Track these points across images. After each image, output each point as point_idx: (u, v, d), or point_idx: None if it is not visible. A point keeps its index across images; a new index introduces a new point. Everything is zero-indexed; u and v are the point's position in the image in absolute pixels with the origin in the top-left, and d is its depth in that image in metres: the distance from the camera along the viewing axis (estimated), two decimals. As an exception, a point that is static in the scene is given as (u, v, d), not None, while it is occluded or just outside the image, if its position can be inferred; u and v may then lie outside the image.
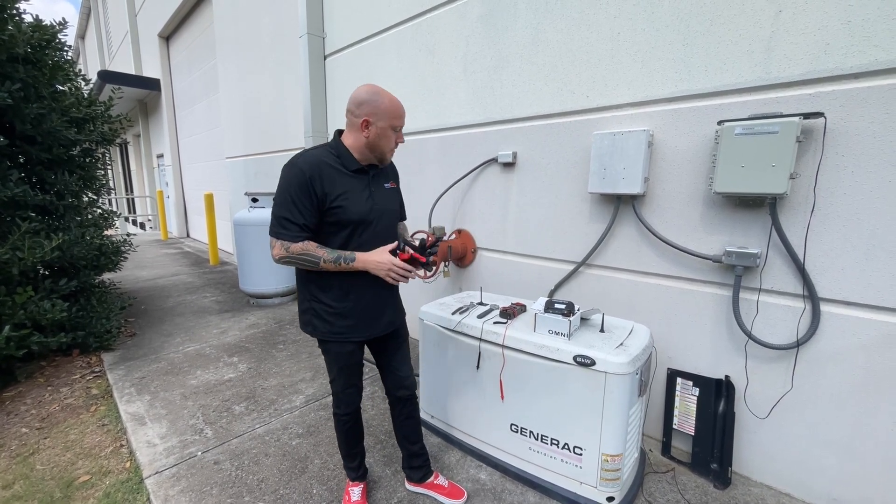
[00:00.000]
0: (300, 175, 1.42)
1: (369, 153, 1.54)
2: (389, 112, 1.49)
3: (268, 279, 4.70)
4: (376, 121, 1.47)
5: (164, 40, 9.66)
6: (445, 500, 1.87)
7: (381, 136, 1.50)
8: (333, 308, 1.55)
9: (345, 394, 1.69)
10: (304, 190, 1.42)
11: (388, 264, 1.49)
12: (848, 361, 1.71)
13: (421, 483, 1.92)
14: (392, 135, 1.53)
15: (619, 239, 2.31)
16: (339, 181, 1.48)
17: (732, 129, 1.74)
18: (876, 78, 1.55)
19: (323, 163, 1.47)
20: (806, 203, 1.73)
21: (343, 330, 1.57)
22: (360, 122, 1.47)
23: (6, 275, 2.77)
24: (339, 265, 1.46)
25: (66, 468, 2.11)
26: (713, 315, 2.03)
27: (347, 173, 1.51)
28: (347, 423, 1.74)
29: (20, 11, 2.98)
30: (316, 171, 1.44)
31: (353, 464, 1.85)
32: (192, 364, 3.24)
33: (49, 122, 3.10)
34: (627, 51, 2.13)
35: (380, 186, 1.61)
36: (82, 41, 18.53)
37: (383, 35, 3.54)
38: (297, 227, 1.44)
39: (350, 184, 1.50)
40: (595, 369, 1.66)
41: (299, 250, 1.44)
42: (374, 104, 1.47)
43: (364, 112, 1.46)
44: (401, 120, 1.54)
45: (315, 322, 1.58)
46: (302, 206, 1.43)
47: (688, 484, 1.99)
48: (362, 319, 1.59)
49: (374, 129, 1.48)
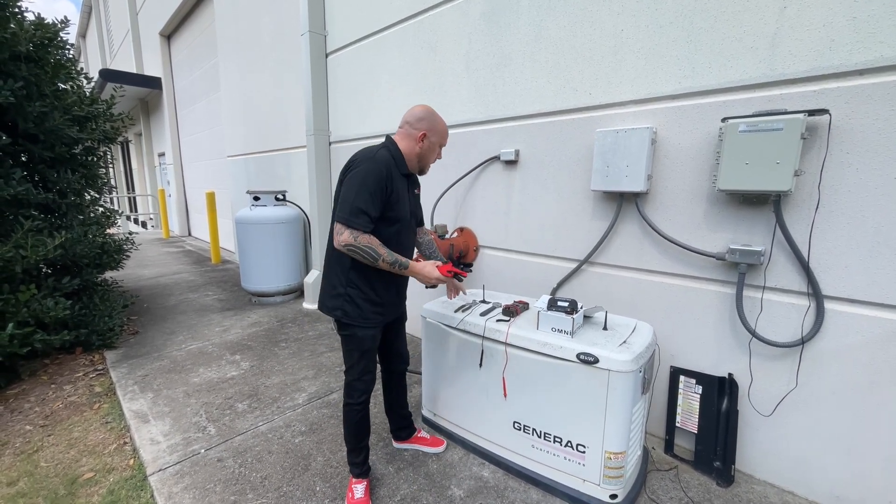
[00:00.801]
0: (380, 171, 1.56)
1: (416, 162, 1.75)
2: (442, 132, 1.77)
3: (269, 277, 4.71)
4: (431, 136, 1.72)
5: (165, 39, 9.66)
6: (429, 448, 2.18)
7: (430, 150, 1.75)
8: (367, 295, 1.70)
9: (361, 381, 1.78)
10: (380, 185, 1.56)
11: (435, 278, 1.71)
12: (852, 359, 1.71)
13: (407, 440, 2.20)
14: (437, 150, 1.79)
15: (621, 237, 2.30)
16: (399, 183, 1.67)
17: (736, 127, 1.74)
18: (881, 74, 1.54)
19: (390, 163, 1.64)
20: (810, 200, 1.72)
21: (370, 315, 1.72)
22: (419, 135, 1.70)
23: (9, 273, 2.78)
24: (394, 268, 1.62)
25: (70, 465, 2.12)
26: (716, 313, 2.03)
27: (400, 176, 1.69)
28: (360, 412, 1.82)
29: (22, 10, 2.98)
30: (390, 170, 1.61)
31: (359, 458, 1.87)
32: (195, 362, 3.24)
33: (51, 120, 3.10)
34: (631, 48, 2.13)
35: (412, 191, 1.83)
36: (83, 40, 18.54)
37: (385, 33, 3.53)
38: (369, 218, 1.55)
39: (402, 185, 1.70)
40: (598, 367, 1.66)
41: (366, 242, 1.55)
42: (432, 122, 1.72)
43: (423, 126, 1.70)
44: (446, 140, 1.81)
45: (347, 307, 1.70)
46: (377, 200, 1.56)
47: (691, 482, 1.99)
48: (388, 306, 1.78)
49: (427, 143, 1.72)
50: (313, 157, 4.38)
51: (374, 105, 3.77)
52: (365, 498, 1.83)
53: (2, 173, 2.85)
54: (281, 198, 4.93)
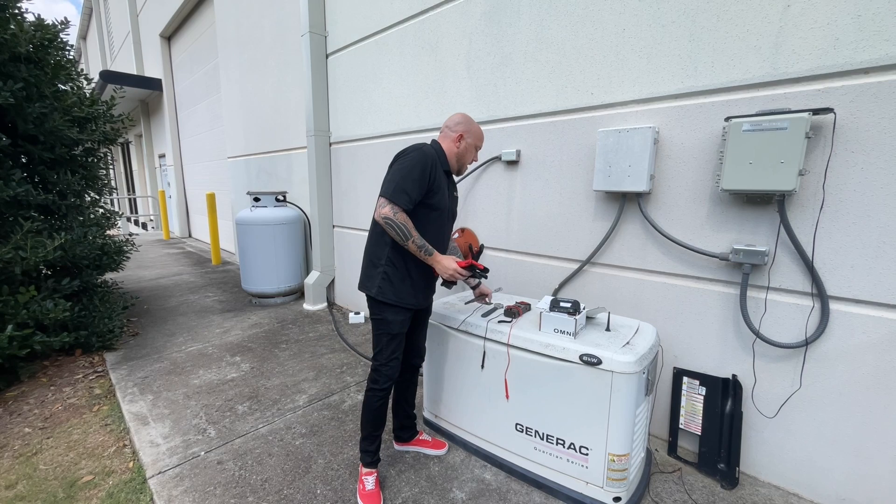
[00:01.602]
0: (427, 161, 1.73)
1: (455, 161, 1.91)
2: (477, 134, 1.94)
3: (270, 279, 4.69)
4: (467, 137, 1.89)
5: (165, 40, 9.66)
6: (431, 451, 2.17)
7: (467, 150, 1.91)
8: (403, 275, 1.81)
9: (388, 366, 1.85)
10: (426, 173, 1.72)
11: (452, 269, 1.76)
12: (857, 360, 1.69)
13: (409, 442, 2.19)
14: (473, 152, 1.94)
15: (624, 237, 2.29)
16: (440, 175, 1.81)
17: (740, 126, 1.72)
18: (886, 73, 1.53)
19: (436, 158, 1.80)
20: (815, 200, 1.71)
21: (405, 296, 1.82)
22: (456, 136, 1.88)
23: (9, 274, 2.77)
24: (420, 252, 1.73)
25: (69, 468, 2.11)
26: (720, 313, 2.01)
27: (443, 171, 1.84)
28: (382, 398, 1.88)
29: (22, 11, 2.97)
30: (436, 162, 1.78)
31: (373, 447, 1.91)
32: (195, 364, 3.23)
33: (51, 121, 3.09)
34: (633, 47, 2.12)
35: (453, 191, 1.98)
36: (84, 41, 18.56)
37: (386, 33, 3.52)
38: (409, 199, 1.70)
39: (444, 179, 1.85)
40: (601, 368, 1.64)
41: (402, 220, 1.69)
42: (469, 125, 1.90)
43: (461, 129, 1.88)
44: (482, 142, 1.97)
45: (383, 285, 1.80)
46: (420, 184, 1.71)
47: (695, 484, 1.98)
48: (420, 291, 1.87)
49: (464, 144, 1.89)
50: (314, 157, 4.37)
51: (374, 106, 3.76)
52: (376, 490, 1.85)
53: (1, 174, 2.84)
54: (281, 199, 4.92)
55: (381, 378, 1.85)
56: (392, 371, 1.86)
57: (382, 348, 1.84)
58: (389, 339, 1.83)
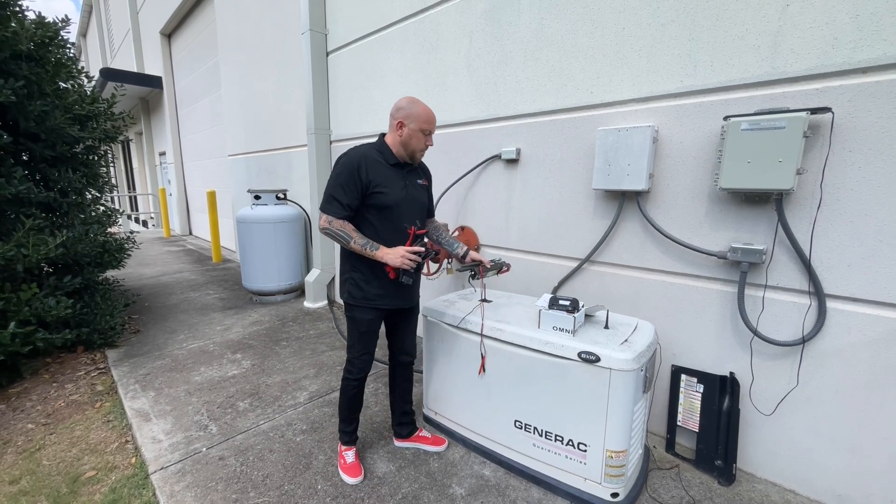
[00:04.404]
0: (353, 163, 1.73)
1: (402, 150, 1.83)
2: (420, 117, 1.80)
3: (271, 276, 4.71)
4: (409, 123, 1.79)
5: (165, 38, 9.64)
6: (430, 447, 2.20)
7: (412, 136, 1.80)
8: (368, 278, 1.84)
9: (360, 360, 1.94)
10: (352, 177, 1.72)
11: (401, 253, 1.73)
12: (854, 358, 1.71)
13: (408, 438, 2.22)
14: (422, 136, 1.82)
15: (623, 235, 2.30)
16: (381, 172, 1.78)
17: (738, 125, 1.73)
18: (884, 72, 1.54)
19: (369, 156, 1.78)
20: (812, 199, 1.72)
21: (372, 298, 1.86)
22: (396, 124, 1.80)
23: (11, 272, 2.78)
24: (364, 250, 1.74)
25: (72, 464, 2.13)
26: (718, 312, 2.03)
27: (388, 166, 1.81)
28: (356, 387, 1.99)
29: (23, 9, 2.97)
30: (363, 162, 1.74)
31: (350, 428, 2.06)
32: (196, 361, 3.25)
33: (52, 119, 3.10)
34: (632, 46, 2.12)
35: (413, 181, 1.91)
36: (84, 39, 18.52)
37: (386, 31, 3.53)
38: (341, 205, 1.74)
39: (390, 174, 1.81)
40: (599, 366, 1.66)
41: (339, 227, 1.74)
42: (409, 110, 1.79)
43: (400, 116, 1.79)
44: (429, 125, 1.83)
45: (352, 290, 1.87)
46: (348, 189, 1.73)
47: (692, 480, 1.99)
48: (389, 291, 1.87)
49: (407, 131, 1.79)
50: (314, 155, 4.38)
51: (375, 103, 3.77)
52: (356, 462, 2.02)
53: (3, 172, 2.85)
54: (282, 197, 4.92)
55: (354, 370, 1.95)
56: (364, 364, 1.95)
57: (354, 343, 1.93)
58: (360, 336, 1.91)
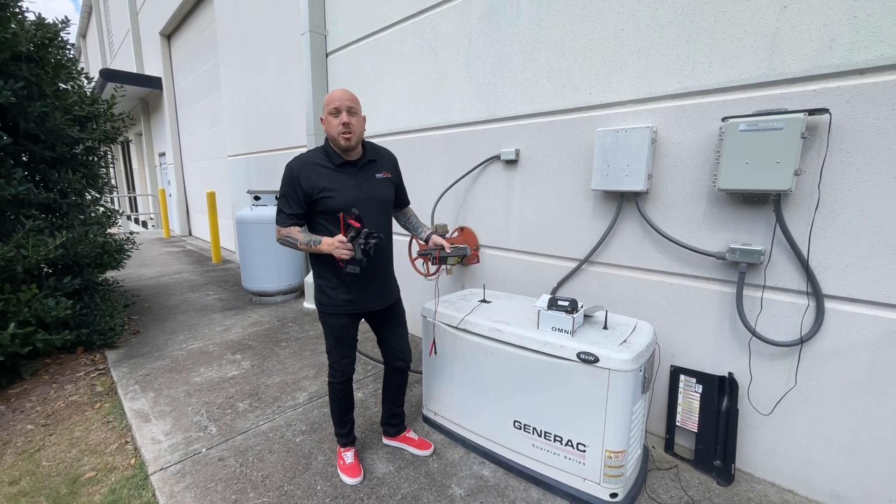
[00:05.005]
0: (290, 174, 1.73)
1: (335, 145, 1.76)
2: (325, 103, 1.72)
3: (270, 277, 4.71)
4: (323, 115, 1.74)
5: (165, 39, 9.65)
6: (415, 450, 2.17)
7: (328, 125, 1.73)
8: (333, 283, 1.82)
9: (339, 363, 1.93)
10: (292, 186, 1.72)
11: (336, 240, 1.64)
12: (852, 358, 1.71)
13: (395, 437, 2.22)
14: (333, 120, 1.71)
15: (622, 236, 2.30)
16: (325, 176, 1.73)
17: (737, 126, 1.74)
18: (882, 74, 1.54)
19: (310, 163, 1.74)
20: (810, 200, 1.72)
21: (340, 304, 1.83)
22: (322, 122, 1.76)
23: (11, 273, 2.79)
24: (310, 247, 1.70)
25: (71, 465, 2.13)
26: (717, 312, 2.03)
27: (333, 168, 1.75)
28: (341, 391, 1.97)
29: (23, 10, 2.98)
30: (302, 170, 1.72)
31: (345, 430, 2.05)
32: (196, 361, 3.25)
33: (52, 120, 3.10)
34: (631, 47, 2.13)
35: (369, 177, 1.82)
36: (84, 40, 18.53)
37: (385, 32, 3.53)
38: (286, 215, 1.75)
39: (336, 177, 1.74)
40: (598, 366, 1.66)
41: (285, 234, 1.75)
42: (325, 103, 1.73)
43: (322, 115, 1.76)
44: (332, 103, 1.70)
45: (320, 297, 1.86)
46: (291, 199, 1.74)
47: (691, 480, 2.00)
48: (356, 295, 1.84)
49: (325, 124, 1.75)
50: (314, 156, 4.38)
51: (374, 105, 3.77)
52: (355, 462, 2.02)
53: (3, 173, 2.85)
54: (281, 197, 4.92)
55: (336, 374, 1.94)
56: (344, 368, 1.94)
57: (332, 348, 1.93)
58: (335, 341, 1.91)
